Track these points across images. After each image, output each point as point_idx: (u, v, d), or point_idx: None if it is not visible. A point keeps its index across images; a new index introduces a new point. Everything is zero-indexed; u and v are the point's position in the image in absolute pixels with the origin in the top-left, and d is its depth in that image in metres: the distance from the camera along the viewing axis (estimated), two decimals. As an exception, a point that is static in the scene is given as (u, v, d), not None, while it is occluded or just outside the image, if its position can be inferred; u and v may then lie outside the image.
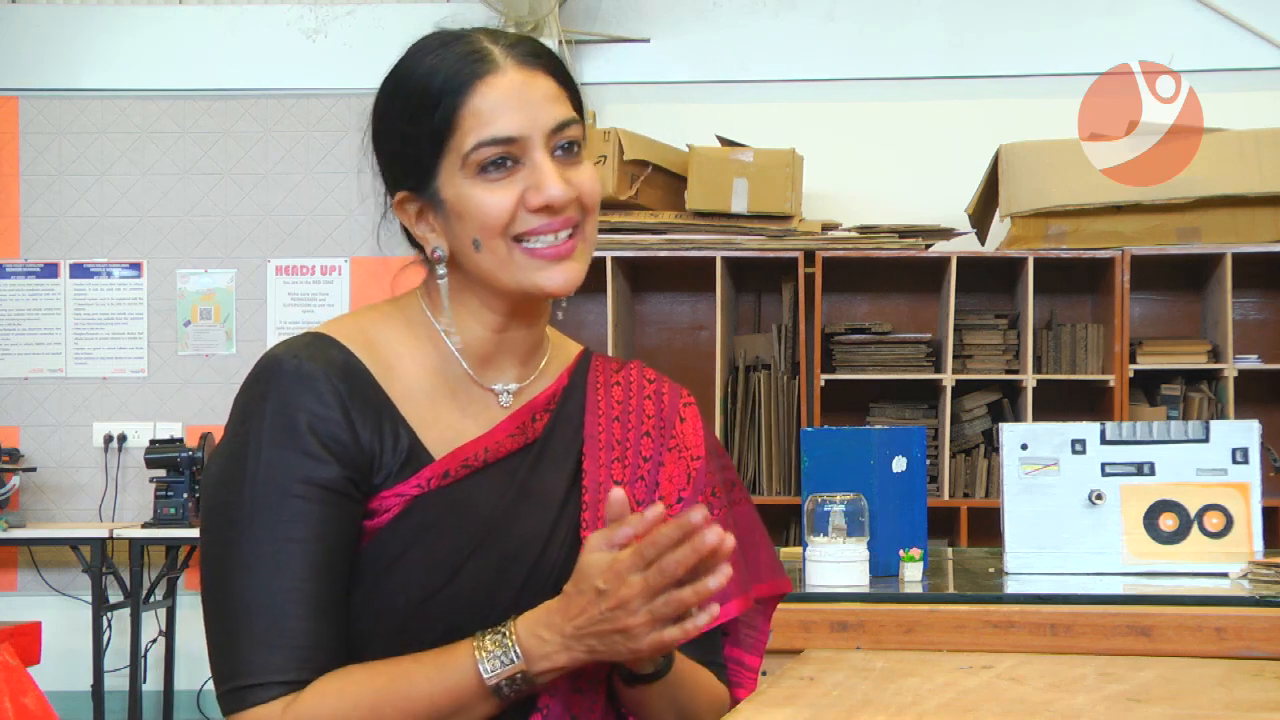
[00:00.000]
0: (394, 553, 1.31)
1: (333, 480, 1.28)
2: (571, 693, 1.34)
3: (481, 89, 1.32)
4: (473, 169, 1.32)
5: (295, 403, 1.30)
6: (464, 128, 1.31)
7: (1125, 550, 2.26)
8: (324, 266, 5.75)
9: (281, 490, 1.27)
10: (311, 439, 1.29)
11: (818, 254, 4.95)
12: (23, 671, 3.51)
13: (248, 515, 1.27)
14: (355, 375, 1.34)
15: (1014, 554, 2.29)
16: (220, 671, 1.28)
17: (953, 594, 2.06)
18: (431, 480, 1.33)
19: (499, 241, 1.32)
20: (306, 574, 1.26)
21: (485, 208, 1.31)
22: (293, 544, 1.26)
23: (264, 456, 1.28)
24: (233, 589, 1.26)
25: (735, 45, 5.63)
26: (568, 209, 1.33)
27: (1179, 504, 2.26)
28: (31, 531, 5.41)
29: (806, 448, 2.45)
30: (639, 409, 1.49)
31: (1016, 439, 2.32)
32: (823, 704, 1.16)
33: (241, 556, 1.26)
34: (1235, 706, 1.17)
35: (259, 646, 1.25)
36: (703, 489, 1.49)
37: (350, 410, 1.31)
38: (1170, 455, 2.27)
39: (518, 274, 1.33)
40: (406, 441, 1.33)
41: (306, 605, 1.25)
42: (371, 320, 1.41)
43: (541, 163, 1.32)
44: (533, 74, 1.34)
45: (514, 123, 1.31)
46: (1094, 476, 2.28)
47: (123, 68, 5.84)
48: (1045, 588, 2.07)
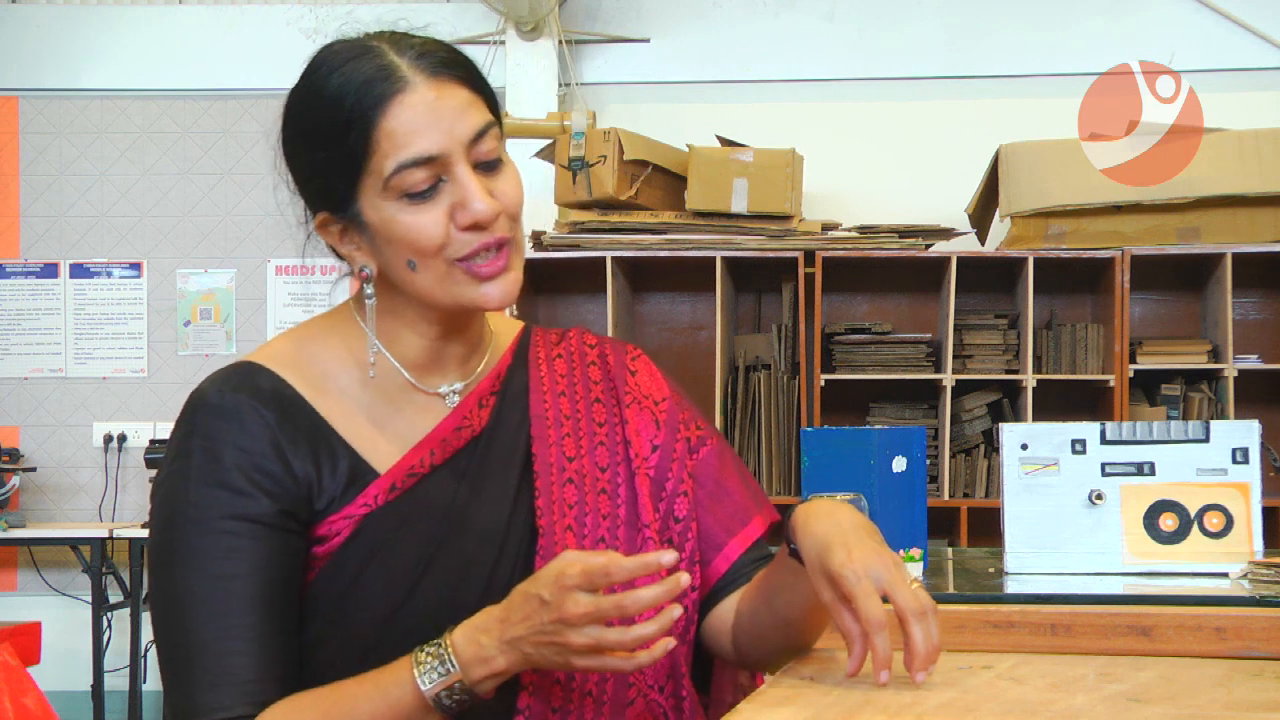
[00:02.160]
0: (349, 575, 1.30)
1: (263, 515, 1.27)
2: (551, 684, 1.32)
3: (394, 109, 1.27)
4: (395, 193, 1.28)
5: (220, 438, 1.28)
6: (381, 150, 1.27)
7: (1125, 550, 2.26)
8: (324, 266, 5.75)
9: (212, 529, 1.25)
10: (238, 474, 1.27)
11: (818, 254, 4.95)
12: (23, 671, 3.51)
13: (182, 556, 1.26)
14: (286, 402, 1.32)
15: (1014, 554, 2.29)
16: (173, 708, 1.26)
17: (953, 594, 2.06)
18: (378, 496, 1.31)
19: (435, 262, 1.30)
20: (245, 608, 1.24)
21: (415, 232, 1.28)
22: (228, 580, 1.24)
23: (192, 496, 1.27)
24: (176, 628, 1.26)
25: (735, 45, 5.63)
26: (497, 225, 1.30)
27: (1179, 504, 2.26)
28: (31, 531, 5.41)
29: (806, 448, 2.45)
30: (584, 379, 1.47)
31: (1016, 439, 2.32)
32: (823, 704, 1.16)
33: (180, 596, 1.25)
34: (1235, 706, 1.17)
35: (203, 685, 1.23)
36: (677, 427, 1.48)
37: (280, 440, 1.29)
38: (1170, 455, 2.26)
39: (455, 290, 1.31)
40: (347, 463, 1.31)
41: (248, 640, 1.24)
42: (303, 340, 1.39)
43: (464, 178, 1.28)
44: (444, 85, 1.30)
45: (432, 141, 1.27)
46: (1094, 476, 2.28)
47: (123, 68, 5.84)
48: (1045, 588, 2.07)
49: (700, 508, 1.45)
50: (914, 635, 1.17)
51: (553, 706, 1.32)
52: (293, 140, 1.37)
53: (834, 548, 1.21)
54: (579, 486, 1.40)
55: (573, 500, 1.39)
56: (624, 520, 1.41)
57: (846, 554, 1.20)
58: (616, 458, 1.43)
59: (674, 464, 1.45)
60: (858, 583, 1.18)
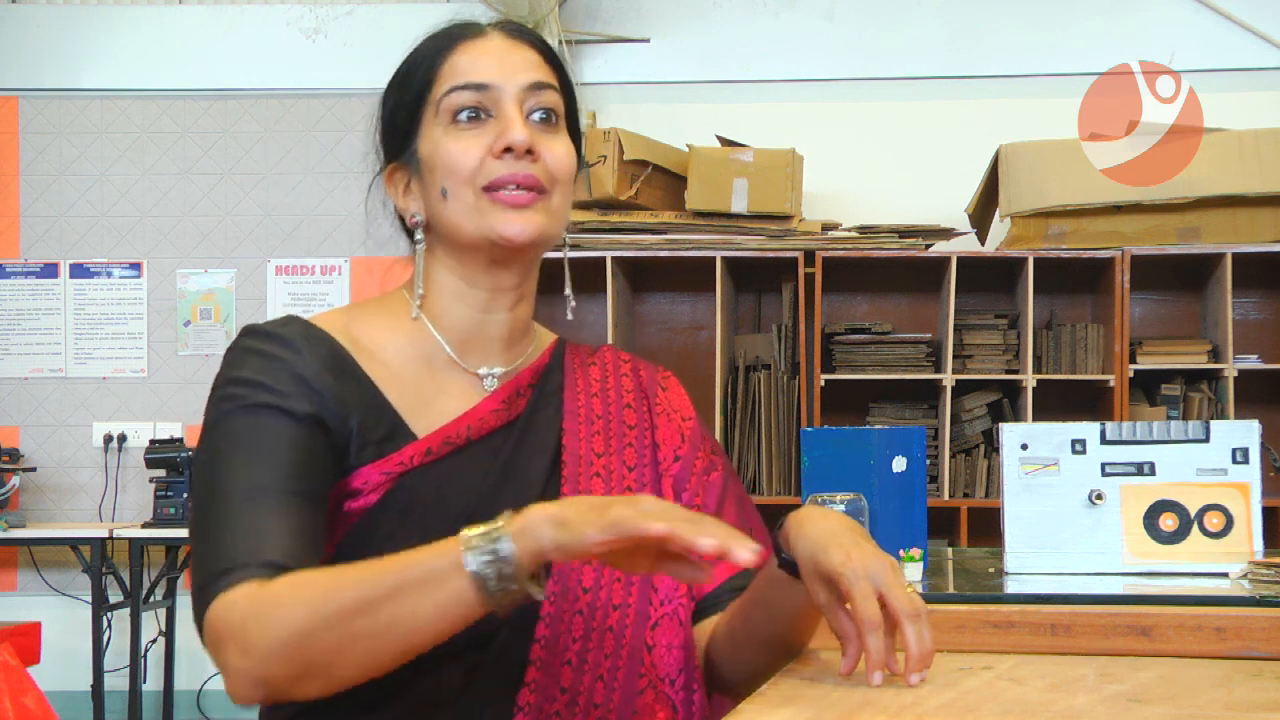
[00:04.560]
0: (380, 535, 1.31)
1: (302, 413, 1.29)
2: (560, 666, 1.32)
3: (463, 47, 1.37)
4: (446, 116, 1.35)
5: (270, 354, 1.32)
6: (441, 79, 1.36)
7: (1125, 550, 2.26)
8: (324, 266, 5.75)
9: (255, 413, 1.28)
10: (285, 382, 1.30)
11: (818, 254, 4.95)
12: (23, 671, 3.51)
13: (224, 438, 1.28)
14: (335, 352, 1.35)
15: (1014, 554, 2.29)
16: (199, 573, 1.21)
17: (953, 594, 2.06)
18: (414, 457, 1.33)
19: (465, 189, 1.34)
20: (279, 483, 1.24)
21: (453, 154, 1.34)
22: (264, 457, 1.26)
23: (240, 390, 1.29)
24: (214, 500, 1.25)
25: (735, 45, 5.63)
26: (533, 168, 1.35)
27: (1179, 504, 2.26)
28: (31, 531, 5.41)
29: (806, 448, 2.45)
30: (617, 385, 1.50)
31: (1016, 439, 2.32)
32: (823, 704, 1.16)
33: (220, 473, 1.26)
34: (1235, 706, 1.17)
35: (234, 539, 1.20)
36: (699, 445, 1.50)
37: (327, 374, 1.32)
38: (1170, 455, 2.26)
39: (479, 220, 1.35)
40: (389, 421, 1.34)
41: (280, 509, 1.23)
42: (353, 314, 1.43)
43: (510, 113, 1.35)
44: (517, 43, 1.39)
45: (487, 72, 1.35)
46: (1094, 476, 2.28)
47: (123, 68, 5.84)
48: (1045, 588, 2.07)
49: None
50: (909, 637, 1.17)
51: (561, 686, 1.32)
52: (382, 101, 1.43)
53: (831, 548, 1.21)
54: (605, 481, 1.43)
55: (599, 493, 1.41)
56: None
57: (845, 554, 1.20)
58: (644, 459, 1.45)
59: (692, 478, 1.48)
60: (856, 582, 1.18)
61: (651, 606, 1.39)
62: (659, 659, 1.37)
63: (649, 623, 1.39)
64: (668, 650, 1.38)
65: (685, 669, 1.39)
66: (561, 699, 1.32)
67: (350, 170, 5.72)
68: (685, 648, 1.39)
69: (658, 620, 1.39)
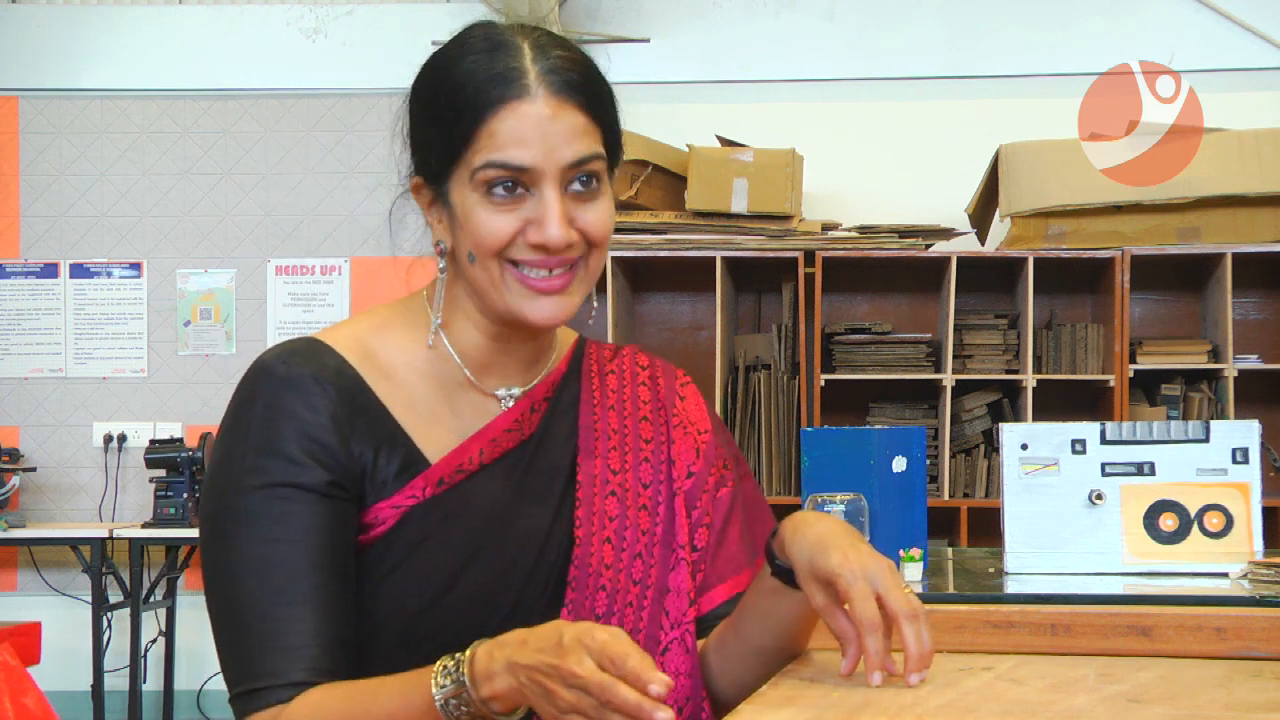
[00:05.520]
0: (390, 564, 1.30)
1: (316, 484, 1.27)
2: None
3: (505, 113, 1.28)
4: (480, 186, 1.29)
5: (279, 407, 1.29)
6: (479, 145, 1.28)
7: (1125, 550, 2.26)
8: (324, 266, 5.75)
9: (264, 495, 1.26)
10: (293, 444, 1.27)
11: (818, 254, 4.95)
12: (23, 671, 3.51)
13: (235, 521, 1.26)
14: (348, 383, 1.32)
15: (1014, 554, 2.29)
16: (229, 678, 1.26)
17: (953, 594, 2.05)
18: (426, 489, 1.32)
19: (492, 262, 1.30)
20: (297, 573, 1.24)
21: (483, 229, 1.29)
22: (280, 544, 1.25)
23: (248, 463, 1.27)
24: (229, 595, 1.26)
25: (735, 45, 5.63)
26: (567, 250, 1.30)
27: (1179, 504, 2.26)
28: (31, 531, 5.41)
29: (806, 448, 2.45)
30: (634, 397, 1.48)
31: (1016, 439, 2.32)
32: (823, 705, 1.16)
33: (231, 563, 1.26)
34: (1235, 706, 1.17)
35: (256, 651, 1.23)
36: (714, 461, 1.48)
37: (339, 416, 1.30)
38: (1170, 455, 2.26)
39: (506, 297, 1.31)
40: (402, 451, 1.32)
41: (301, 605, 1.24)
42: (370, 328, 1.39)
43: (549, 199, 1.28)
44: (563, 105, 1.29)
45: (529, 154, 1.28)
46: (1094, 476, 2.28)
47: (123, 68, 5.84)
48: (1045, 588, 2.07)
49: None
50: (908, 637, 1.17)
51: None
52: (414, 103, 1.36)
53: (830, 550, 1.21)
54: (621, 500, 1.41)
55: (614, 513, 1.40)
56: (660, 539, 1.41)
57: (843, 556, 1.20)
58: (660, 475, 1.44)
59: (704, 495, 1.46)
60: (854, 583, 1.18)
61: (662, 631, 1.39)
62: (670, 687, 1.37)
63: (659, 648, 1.38)
64: (674, 678, 1.37)
65: (692, 698, 1.39)
66: None
67: (350, 170, 5.72)
68: (692, 675, 1.38)
69: (667, 645, 1.39)
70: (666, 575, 1.40)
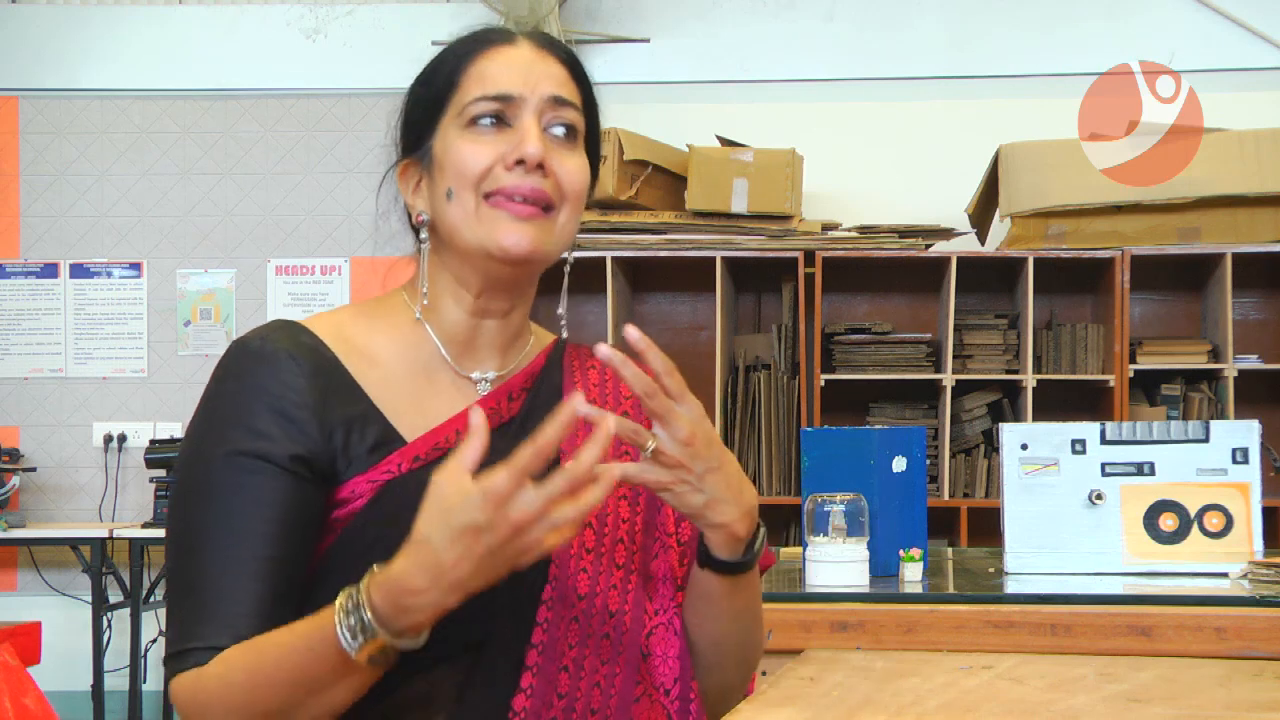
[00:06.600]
0: (366, 541, 1.30)
1: (279, 457, 1.28)
2: (558, 672, 1.32)
3: (492, 53, 1.36)
4: (465, 120, 1.34)
5: (250, 382, 1.30)
6: (465, 86, 1.35)
7: (1125, 550, 2.26)
8: (324, 266, 5.75)
9: (230, 464, 1.27)
10: (262, 416, 1.29)
11: (818, 254, 4.95)
12: (23, 671, 3.51)
13: (196, 490, 1.28)
14: (323, 361, 1.34)
15: (1014, 554, 2.29)
16: (167, 639, 1.28)
17: (953, 594, 2.06)
18: (402, 465, 1.32)
19: (469, 194, 1.34)
20: (247, 543, 1.25)
21: (464, 157, 1.34)
22: (235, 516, 1.26)
23: (216, 433, 1.29)
24: (181, 560, 1.27)
25: (735, 45, 5.63)
26: (542, 181, 1.34)
27: (1179, 504, 2.26)
28: (31, 531, 5.41)
29: (806, 448, 2.45)
30: (615, 391, 1.49)
31: (1016, 439, 2.32)
32: (823, 704, 1.16)
33: (185, 529, 1.27)
34: (1235, 706, 1.17)
35: (194, 616, 1.25)
36: None
37: (311, 391, 1.31)
38: (1170, 455, 2.27)
39: (478, 227, 1.34)
40: (376, 428, 1.33)
41: (246, 576, 1.24)
42: (349, 316, 1.42)
43: (527, 124, 1.34)
44: (546, 55, 1.38)
45: (512, 82, 1.34)
46: (1094, 476, 2.28)
47: (123, 68, 5.85)
48: (1045, 588, 2.07)
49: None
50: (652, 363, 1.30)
51: (559, 692, 1.31)
52: (407, 94, 1.43)
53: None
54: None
55: None
56: (641, 527, 1.42)
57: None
58: None
59: None
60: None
61: (646, 615, 1.39)
62: (655, 668, 1.37)
63: (644, 631, 1.39)
64: (663, 660, 1.37)
65: (681, 679, 1.39)
66: (559, 704, 1.31)
67: (350, 170, 5.72)
68: (680, 658, 1.39)
69: (652, 629, 1.39)
70: (649, 562, 1.41)
